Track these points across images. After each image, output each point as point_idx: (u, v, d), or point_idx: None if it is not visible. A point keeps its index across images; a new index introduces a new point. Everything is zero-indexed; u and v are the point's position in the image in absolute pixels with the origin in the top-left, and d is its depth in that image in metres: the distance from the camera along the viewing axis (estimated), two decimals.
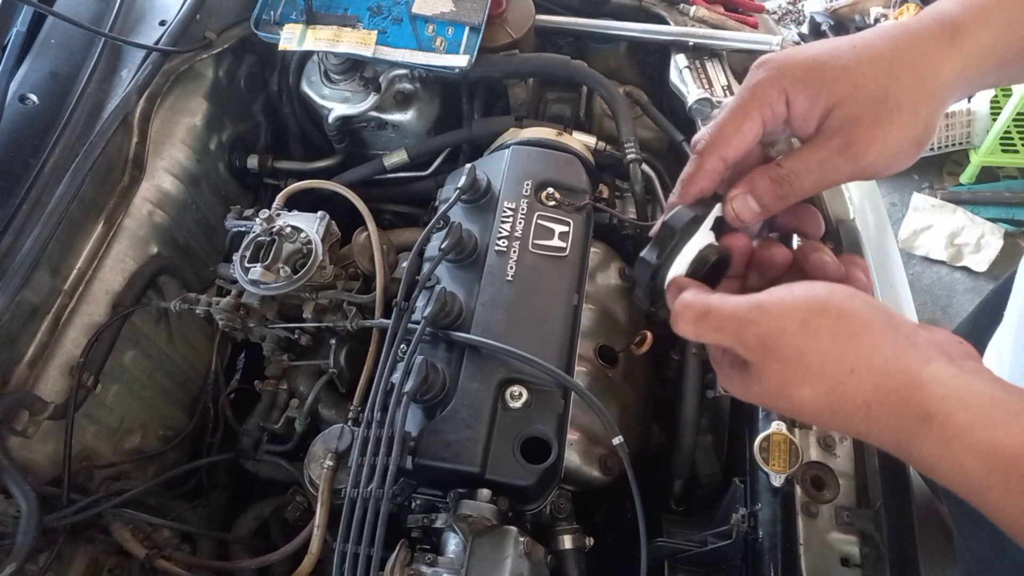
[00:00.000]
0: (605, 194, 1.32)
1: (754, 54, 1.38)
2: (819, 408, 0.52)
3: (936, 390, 0.49)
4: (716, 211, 0.62)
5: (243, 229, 1.27)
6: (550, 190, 1.17)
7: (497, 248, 1.10)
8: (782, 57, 0.59)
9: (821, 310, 0.52)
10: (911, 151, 0.58)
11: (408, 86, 1.44)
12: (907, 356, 0.51)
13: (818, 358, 0.51)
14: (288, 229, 1.20)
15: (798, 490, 0.93)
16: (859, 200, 1.27)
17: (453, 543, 0.94)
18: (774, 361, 0.52)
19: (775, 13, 3.69)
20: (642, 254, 0.60)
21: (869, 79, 0.56)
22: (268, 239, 1.19)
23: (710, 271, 0.61)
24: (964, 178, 2.97)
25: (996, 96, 2.84)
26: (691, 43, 1.41)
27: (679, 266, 0.60)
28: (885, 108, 0.56)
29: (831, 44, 0.59)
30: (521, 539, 0.91)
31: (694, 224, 0.60)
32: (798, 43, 1.63)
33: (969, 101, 2.82)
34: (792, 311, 0.52)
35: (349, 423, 1.08)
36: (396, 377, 0.97)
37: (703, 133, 0.63)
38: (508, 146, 1.26)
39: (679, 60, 1.40)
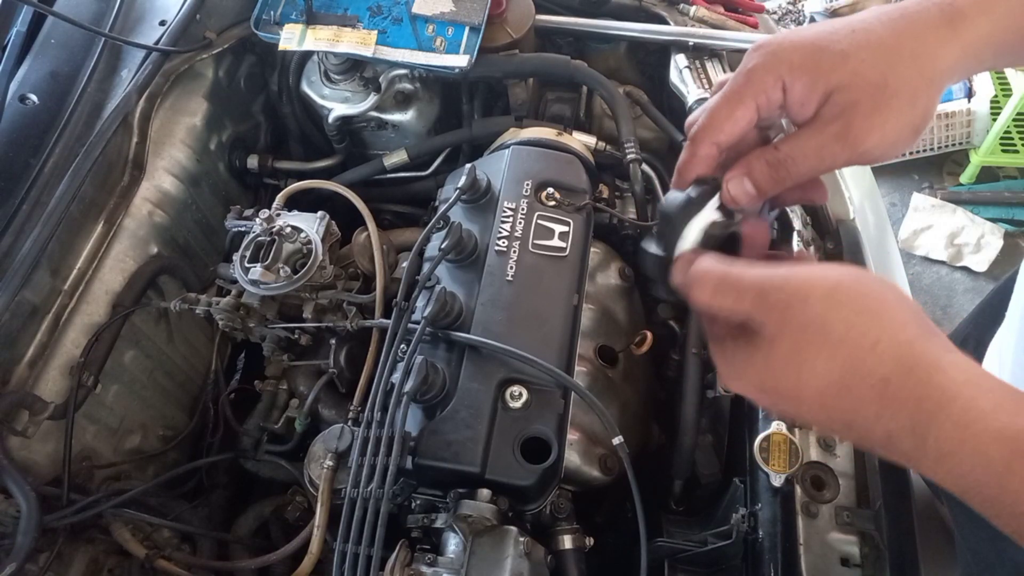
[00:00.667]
0: (605, 194, 1.32)
1: None
2: (829, 384, 0.49)
3: (957, 375, 0.48)
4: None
5: (243, 229, 1.26)
6: (550, 190, 1.17)
7: (497, 248, 1.10)
8: (779, 41, 0.59)
9: (850, 285, 0.51)
10: (908, 137, 0.58)
11: (408, 86, 1.44)
12: (931, 340, 0.50)
13: (841, 327, 0.49)
14: (288, 229, 1.20)
15: (798, 490, 0.93)
16: (859, 200, 1.27)
17: (453, 543, 0.94)
18: (793, 327, 0.50)
19: (775, 13, 3.69)
20: (642, 244, 0.59)
21: (868, 66, 0.56)
22: (268, 239, 1.19)
23: (720, 250, 0.60)
24: (964, 178, 2.97)
25: (996, 96, 2.84)
26: (691, 43, 1.41)
27: (686, 246, 0.59)
28: (884, 96, 0.56)
29: (829, 27, 0.59)
30: (521, 539, 0.91)
31: (691, 205, 0.59)
32: None
33: (969, 101, 2.82)
34: (820, 280, 0.51)
35: (349, 423, 1.08)
36: (396, 377, 0.98)
37: (696, 115, 0.63)
38: (508, 146, 1.26)
39: (679, 60, 1.40)
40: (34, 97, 1.21)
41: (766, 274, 0.52)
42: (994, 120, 2.81)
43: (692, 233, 0.58)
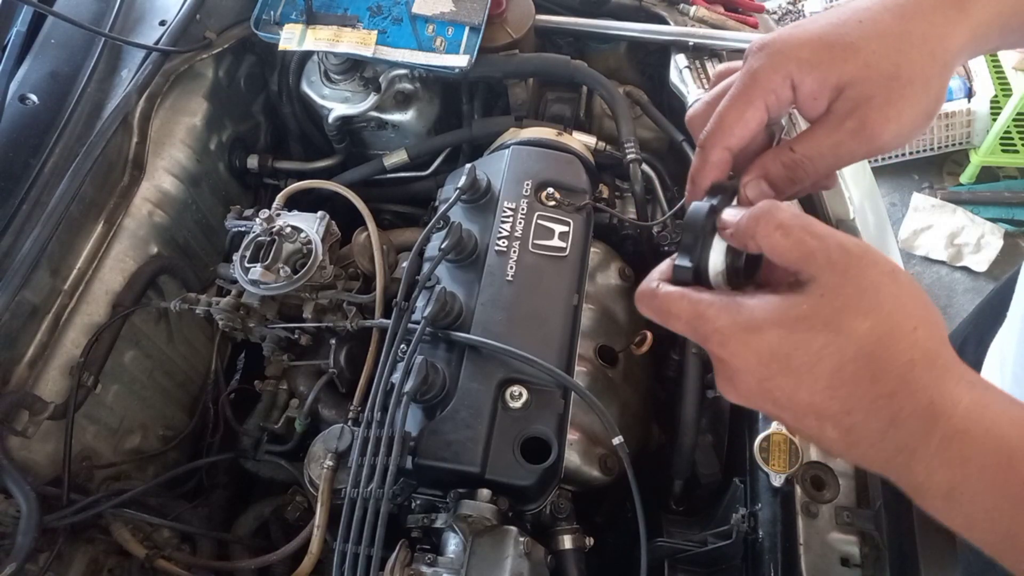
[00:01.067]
0: (605, 194, 1.32)
1: None
2: (860, 350, 0.47)
3: (973, 379, 0.49)
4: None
5: (243, 229, 1.27)
6: (550, 190, 1.17)
7: (497, 248, 1.10)
8: (783, 38, 0.58)
9: (907, 275, 0.50)
10: (923, 124, 0.57)
11: (408, 86, 1.44)
12: (954, 356, 0.50)
13: (892, 301, 0.48)
14: (288, 229, 1.20)
15: (798, 490, 0.93)
16: (859, 200, 1.27)
17: (453, 543, 0.94)
18: (850, 285, 0.48)
19: (775, 13, 3.69)
20: (676, 263, 0.57)
21: (880, 57, 0.55)
22: (268, 239, 1.19)
23: (750, 256, 0.57)
24: (964, 178, 2.97)
25: (996, 96, 2.84)
26: (691, 43, 1.41)
27: (716, 256, 0.56)
28: (898, 85, 0.55)
29: (834, 19, 0.58)
30: (521, 539, 0.91)
31: (715, 215, 0.57)
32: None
33: (969, 101, 2.82)
34: (883, 257, 0.50)
35: (349, 423, 1.08)
36: (396, 377, 0.98)
37: (695, 111, 0.62)
38: (508, 146, 1.26)
39: (679, 60, 1.40)
40: (34, 97, 1.21)
41: (837, 232, 0.50)
42: (994, 120, 2.82)
43: (719, 242, 0.56)
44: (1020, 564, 0.46)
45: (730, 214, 0.54)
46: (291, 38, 1.35)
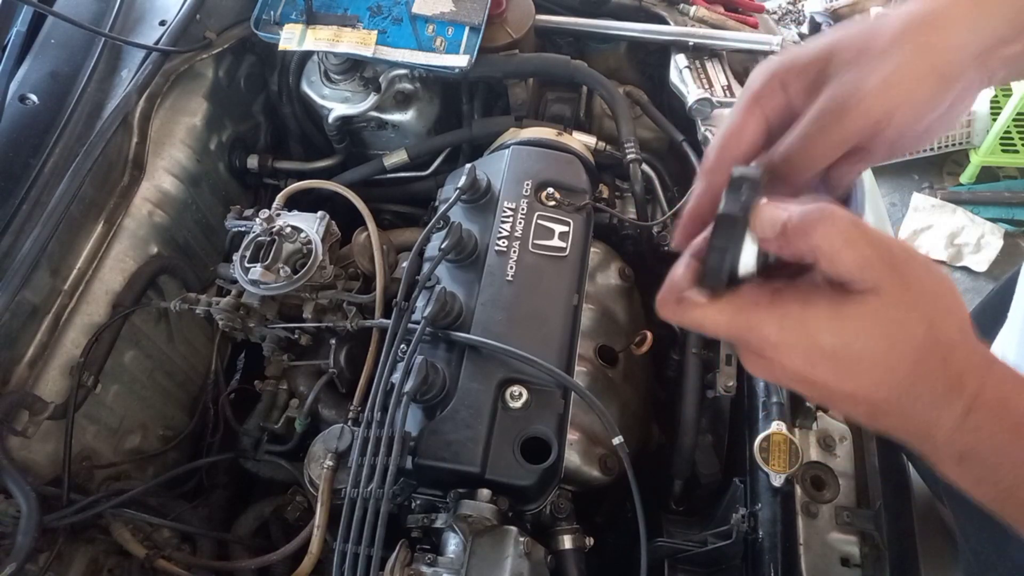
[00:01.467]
0: (605, 194, 1.32)
1: (754, 54, 1.38)
2: (920, 347, 0.50)
3: (992, 356, 0.52)
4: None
5: (243, 229, 1.27)
6: (550, 190, 1.17)
7: (497, 248, 1.10)
8: (777, 54, 0.61)
9: (936, 265, 0.53)
10: (929, 79, 0.55)
11: (408, 86, 1.44)
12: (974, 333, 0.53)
13: (936, 297, 0.51)
14: (288, 229, 1.20)
15: (798, 490, 0.93)
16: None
17: (453, 543, 0.94)
18: (907, 291, 0.50)
19: (775, 13, 3.69)
20: (709, 267, 0.54)
21: (853, 35, 0.57)
22: (268, 239, 1.19)
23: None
24: (964, 178, 2.97)
25: (996, 96, 2.84)
26: (691, 43, 1.41)
27: (748, 257, 0.54)
28: (874, 41, 0.55)
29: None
30: (521, 539, 0.91)
31: (747, 214, 0.53)
32: (797, 43, 1.63)
33: None
34: (920, 254, 0.52)
35: (349, 423, 1.08)
36: (396, 377, 0.98)
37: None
38: (508, 146, 1.26)
39: (679, 60, 1.40)
40: (34, 97, 1.21)
41: (881, 233, 0.51)
42: (994, 120, 2.81)
43: (750, 243, 0.54)
44: (1018, 515, 0.51)
45: (771, 218, 0.52)
46: (291, 38, 1.35)
